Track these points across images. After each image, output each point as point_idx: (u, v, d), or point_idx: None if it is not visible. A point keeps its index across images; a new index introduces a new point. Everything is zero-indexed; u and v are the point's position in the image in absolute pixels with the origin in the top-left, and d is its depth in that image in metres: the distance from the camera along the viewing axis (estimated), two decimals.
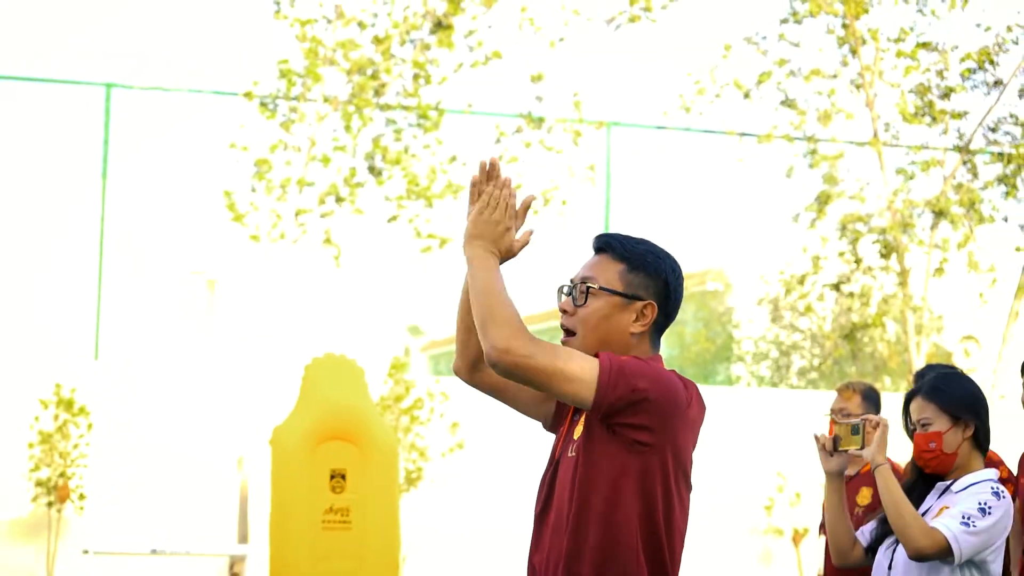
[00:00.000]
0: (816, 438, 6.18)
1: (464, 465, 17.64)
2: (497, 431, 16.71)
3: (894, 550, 5.88)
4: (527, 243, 4.39)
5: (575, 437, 4.33)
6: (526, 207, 4.43)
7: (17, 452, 16.82)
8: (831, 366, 25.79)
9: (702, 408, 4.39)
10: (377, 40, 17.61)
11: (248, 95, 17.42)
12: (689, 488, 4.36)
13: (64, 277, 24.48)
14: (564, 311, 4.44)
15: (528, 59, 18.14)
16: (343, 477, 8.90)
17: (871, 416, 6.12)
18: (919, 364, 16.14)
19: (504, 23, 17.95)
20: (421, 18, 17.64)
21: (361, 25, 17.66)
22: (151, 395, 17.38)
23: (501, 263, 4.35)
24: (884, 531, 5.99)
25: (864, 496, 7.68)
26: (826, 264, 17.65)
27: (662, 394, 4.21)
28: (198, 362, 22.69)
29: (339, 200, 17.48)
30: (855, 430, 6.04)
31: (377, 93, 17.58)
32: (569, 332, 4.41)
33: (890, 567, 5.93)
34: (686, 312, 32.19)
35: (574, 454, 4.30)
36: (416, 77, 17.70)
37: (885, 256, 17.07)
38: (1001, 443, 8.76)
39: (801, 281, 18.00)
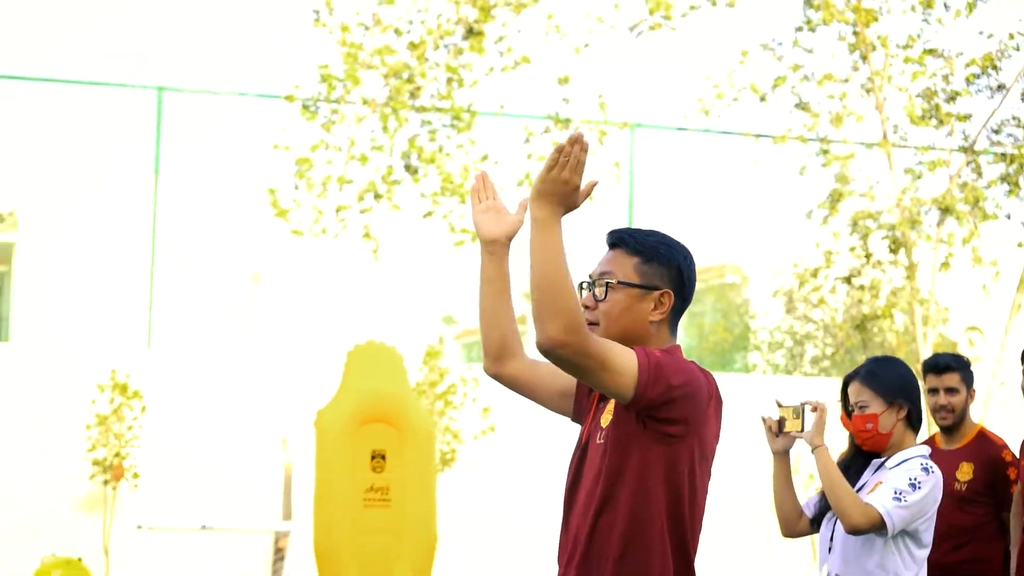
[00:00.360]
0: (763, 420, 6.34)
1: (495, 447, 17.71)
2: (527, 415, 16.73)
3: (835, 522, 6.05)
4: (589, 194, 4.25)
5: (603, 425, 4.35)
6: (589, 190, 4.26)
7: (76, 433, 16.95)
8: (843, 355, 25.82)
9: (720, 399, 4.41)
10: (412, 46, 17.66)
11: (290, 98, 17.49)
12: (710, 475, 4.40)
13: (119, 271, 24.57)
14: (586, 306, 4.43)
15: (555, 64, 18.18)
16: (383, 457, 8.96)
17: (811, 400, 6.21)
18: (926, 353, 16.13)
19: (532, 30, 17.98)
20: (454, 25, 17.68)
21: (397, 32, 17.70)
22: (200, 381, 17.48)
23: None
24: (826, 504, 6.15)
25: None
26: (838, 258, 17.64)
27: (691, 389, 4.24)
28: (244, 350, 22.77)
29: (377, 197, 17.54)
30: (797, 413, 6.15)
31: (413, 96, 17.63)
32: (592, 324, 4.39)
33: (831, 538, 6.14)
34: (705, 303, 32.22)
35: (602, 441, 4.32)
36: (449, 81, 17.74)
37: (894, 251, 17.06)
38: (1003, 428, 8.83)
39: (814, 274, 17.99)
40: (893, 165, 17.11)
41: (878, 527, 5.85)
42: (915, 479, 5.92)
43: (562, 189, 4.15)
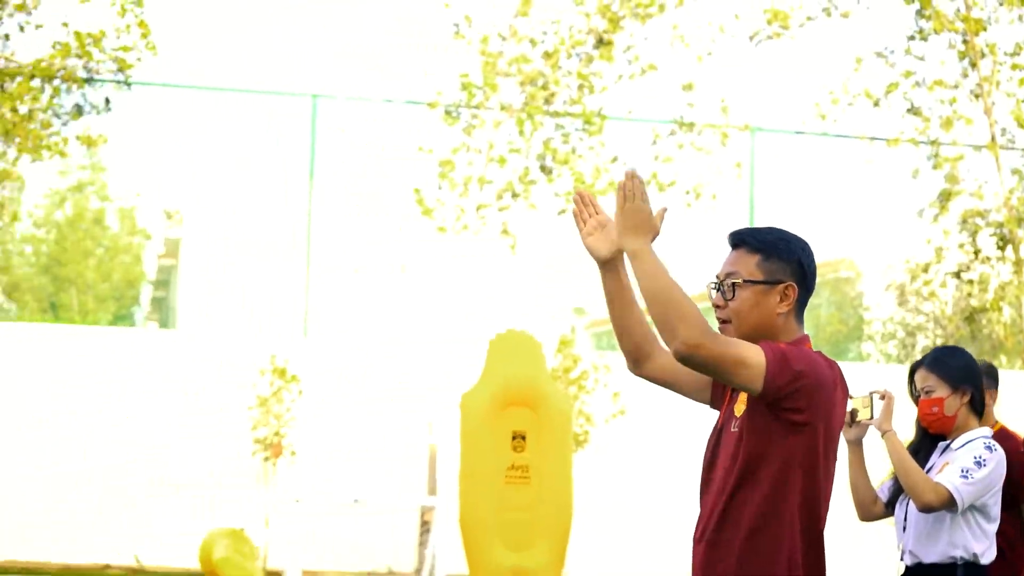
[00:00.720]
0: None
1: (625, 429, 17.74)
2: (655, 400, 16.78)
3: (907, 504, 6.09)
4: (663, 218, 4.38)
5: (736, 413, 4.42)
6: (662, 215, 4.39)
7: (239, 414, 17.24)
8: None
9: (846, 386, 4.46)
10: (547, 55, 17.74)
11: (434, 104, 17.65)
12: (835, 459, 4.43)
13: (277, 265, 24.88)
14: (717, 306, 4.50)
15: (680, 71, 18.18)
16: (523, 438, 9.07)
17: (878, 389, 6.25)
18: None
19: (658, 39, 17.99)
20: (585, 35, 17.74)
21: (532, 42, 17.79)
22: (352, 367, 17.70)
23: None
24: (899, 488, 6.21)
25: None
26: (947, 254, 17.51)
27: (816, 378, 4.29)
28: (392, 338, 22.97)
29: (514, 196, 17.65)
30: (866, 403, 6.18)
31: (547, 102, 17.71)
32: (725, 322, 4.48)
33: (905, 518, 6.21)
34: (821, 296, 32.00)
35: (736, 429, 4.39)
36: (581, 87, 17.81)
37: (1001, 247, 16.92)
38: None
39: (925, 269, 17.89)
40: (1001, 166, 16.96)
41: (948, 504, 5.93)
42: (980, 457, 6.00)
43: (639, 218, 4.30)
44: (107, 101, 17.33)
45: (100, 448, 17.20)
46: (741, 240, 4.54)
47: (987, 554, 6.05)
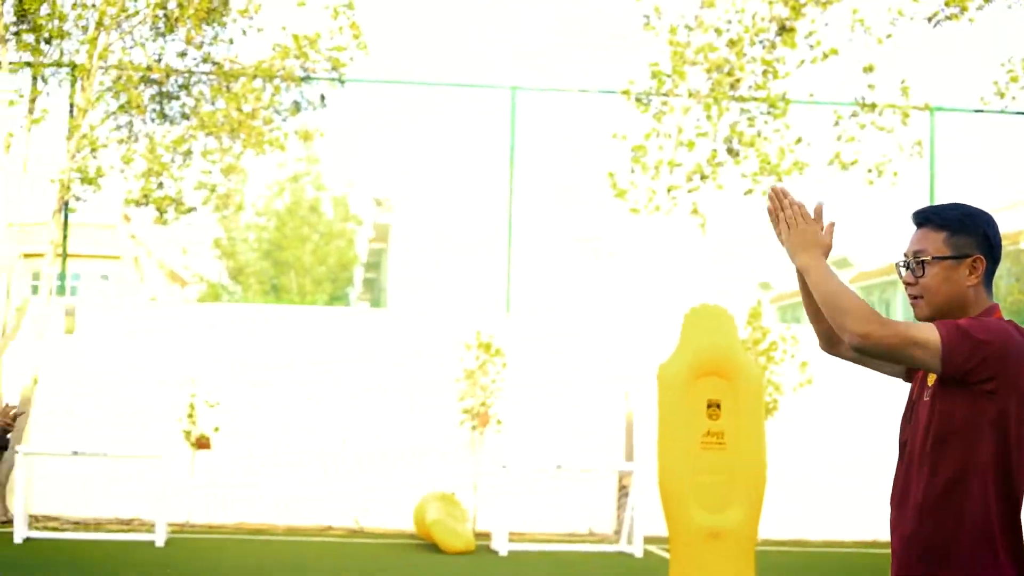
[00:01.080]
0: None
1: (812, 398, 17.58)
2: (841, 370, 16.59)
3: None
4: (833, 233, 4.40)
5: (928, 384, 4.35)
6: (819, 213, 4.41)
7: (446, 387, 17.43)
8: None
9: None
10: (731, 43, 17.63)
11: (626, 93, 17.65)
12: None
13: (481, 247, 25.10)
14: (908, 283, 4.44)
15: (860, 53, 17.93)
16: (718, 406, 9.02)
17: None
18: None
19: (839, 24, 17.77)
20: (768, 23, 17.58)
21: (717, 31, 17.69)
22: (553, 341, 17.76)
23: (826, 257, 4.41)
24: None
25: None
26: None
27: (1001, 346, 4.17)
28: (589, 314, 23.06)
29: (703, 178, 17.59)
30: None
31: (732, 87, 17.61)
32: (916, 298, 4.41)
33: None
34: (1000, 268, 31.24)
35: (928, 399, 4.32)
36: (765, 72, 17.67)
37: None
38: None
39: None
40: None
41: None
42: None
43: (807, 238, 4.36)
44: (322, 98, 17.64)
45: (319, 419, 17.52)
46: (926, 219, 4.45)
47: None
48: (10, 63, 16.82)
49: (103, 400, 17.32)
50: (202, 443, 17.12)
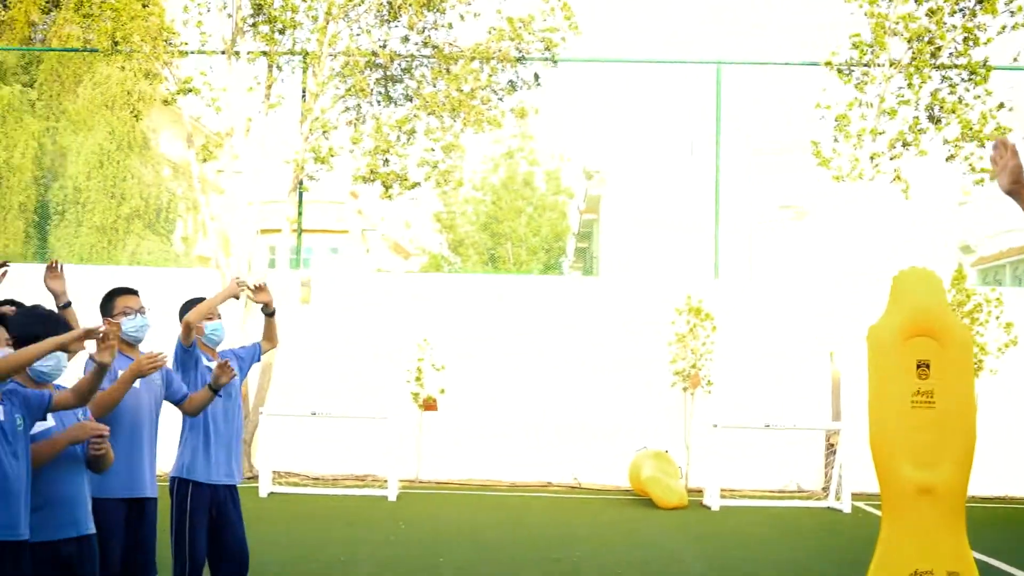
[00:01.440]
0: None
1: (1018, 358, 17.13)
2: None
3: None
4: None
5: None
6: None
7: (658, 350, 17.39)
8: None
9: None
10: (931, 12, 17.16)
11: (828, 64, 17.32)
12: None
13: (690, 216, 24.93)
14: None
15: None
16: (927, 366, 8.81)
17: None
18: None
19: None
20: None
21: (918, 1, 17.23)
22: (761, 304, 17.59)
23: None
24: None
25: None
26: None
27: None
28: (795, 277, 22.77)
29: (905, 145, 17.18)
30: None
31: (933, 56, 17.14)
32: None
33: None
34: None
35: None
36: (966, 40, 17.15)
37: None
38: None
39: None
40: None
41: None
42: None
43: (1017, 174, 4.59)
44: (536, 77, 17.67)
45: (538, 381, 17.62)
46: None
47: None
48: (248, 52, 17.24)
49: (336, 365, 17.67)
50: (429, 405, 17.35)
